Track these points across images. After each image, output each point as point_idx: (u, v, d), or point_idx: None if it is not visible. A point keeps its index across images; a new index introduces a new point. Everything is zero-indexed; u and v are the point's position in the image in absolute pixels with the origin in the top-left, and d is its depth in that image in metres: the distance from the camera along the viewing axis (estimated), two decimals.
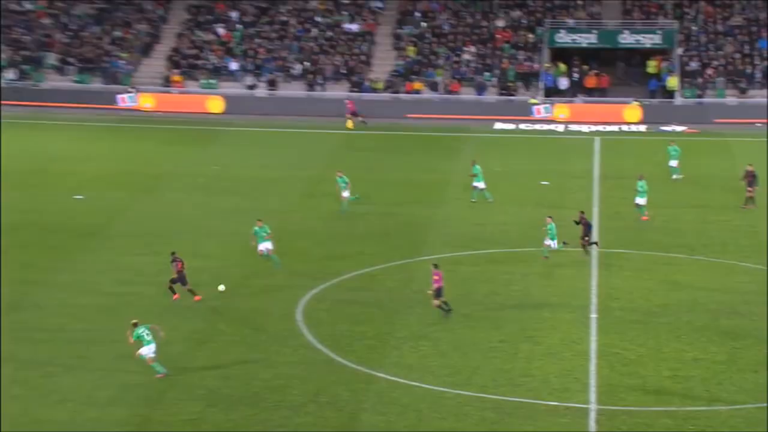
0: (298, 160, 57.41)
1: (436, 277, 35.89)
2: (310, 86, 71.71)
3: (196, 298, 37.40)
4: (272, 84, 71.73)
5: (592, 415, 29.89)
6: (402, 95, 70.84)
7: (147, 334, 31.95)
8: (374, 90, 71.12)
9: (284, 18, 75.69)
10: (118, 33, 73.62)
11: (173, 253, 38.00)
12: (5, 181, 51.66)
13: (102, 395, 31.06)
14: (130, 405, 30.53)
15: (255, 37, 74.54)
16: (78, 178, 53.08)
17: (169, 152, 59.14)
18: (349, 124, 65.67)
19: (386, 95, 70.87)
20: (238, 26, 75.00)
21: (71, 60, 71.60)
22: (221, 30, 74.64)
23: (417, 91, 71.19)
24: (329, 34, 74.88)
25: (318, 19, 75.65)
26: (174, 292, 37.51)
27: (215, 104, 69.22)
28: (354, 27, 75.30)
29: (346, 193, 47.75)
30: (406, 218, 47.48)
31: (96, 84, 70.61)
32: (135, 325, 32.18)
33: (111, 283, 39.35)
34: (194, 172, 54.67)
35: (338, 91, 70.96)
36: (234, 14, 75.75)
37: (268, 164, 56.61)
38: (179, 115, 68.15)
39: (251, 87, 71.65)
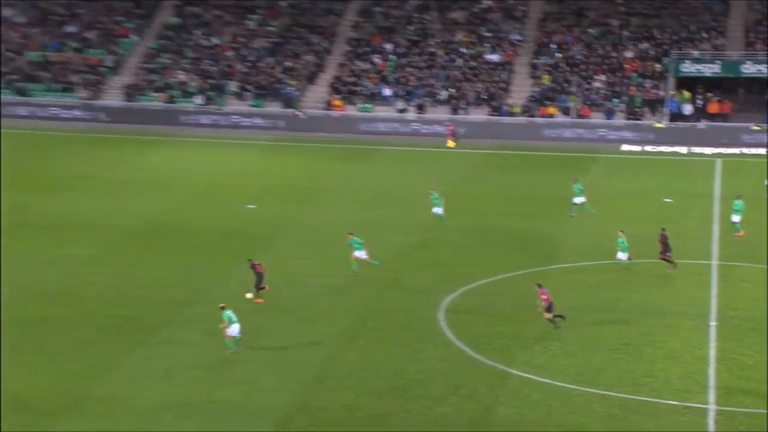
0: (442, 177, 57.59)
1: (543, 296, 35.64)
2: (454, 110, 71.91)
3: (258, 300, 37.58)
4: (421, 108, 72.13)
5: (711, 415, 29.51)
6: (537, 119, 70.58)
7: (233, 316, 33.22)
8: (512, 114, 71.05)
9: (433, 50, 76.11)
10: (288, 63, 75.00)
11: (250, 260, 38.39)
12: (192, 192, 52.93)
13: (268, 381, 31.67)
14: (291, 391, 31.06)
15: (406, 66, 75.07)
16: (251, 190, 54.06)
17: (329, 168, 59.80)
18: (450, 143, 66.04)
19: (523, 119, 70.68)
20: (392, 57, 75.66)
21: (249, 87, 73.13)
22: (377, 60, 75.37)
23: (551, 115, 70.89)
24: (472, 63, 75.05)
25: (463, 50, 75.89)
26: (259, 294, 37.81)
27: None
28: (495, 57, 75.34)
29: (436, 209, 47.50)
30: (537, 230, 47.35)
31: (269, 107, 71.81)
32: (223, 308, 33.57)
33: (278, 283, 40.03)
34: (351, 186, 55.15)
35: (479, 115, 70.99)
36: (389, 46, 76.44)
37: (415, 180, 56.89)
38: (341, 134, 68.70)
39: (402, 110, 72.11)
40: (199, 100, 72.20)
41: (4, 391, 30.66)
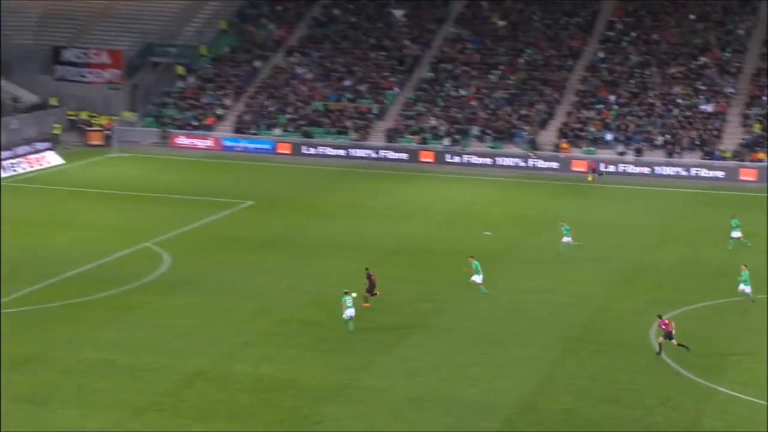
0: (656, 212, 56.04)
1: (663, 326, 33.65)
2: (669, 154, 69.85)
3: (366, 305, 37.86)
4: (639, 152, 70.42)
5: None
6: (746, 163, 67.70)
7: (350, 301, 35.31)
8: (723, 158, 68.45)
9: (651, 101, 74.28)
10: (523, 111, 74.79)
11: (366, 269, 38.93)
12: (437, 220, 53.35)
13: (500, 383, 31.54)
14: (519, 393, 30.82)
15: (627, 115, 73.55)
16: (487, 219, 54.07)
17: (554, 202, 59.13)
18: (590, 178, 65.61)
19: (732, 163, 67.94)
20: (615, 106, 74.29)
21: (489, 131, 73.34)
22: (601, 109, 74.15)
23: (760, 160, 67.87)
24: (688, 113, 72.79)
25: (679, 101, 73.74)
26: (366, 301, 38.18)
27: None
28: (709, 108, 72.82)
29: (566, 239, 46.04)
30: (737, 262, 45.24)
31: (506, 149, 71.73)
32: (345, 293, 35.58)
33: (507, 299, 39.85)
34: (574, 218, 54.39)
35: (692, 158, 68.74)
36: (612, 97, 75.12)
37: (631, 214, 55.58)
38: (566, 173, 67.97)
39: (621, 153, 70.60)
40: (446, 141, 72.85)
41: (283, 378, 31.72)
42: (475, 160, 70.69)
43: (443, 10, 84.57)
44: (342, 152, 72.37)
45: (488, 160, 70.34)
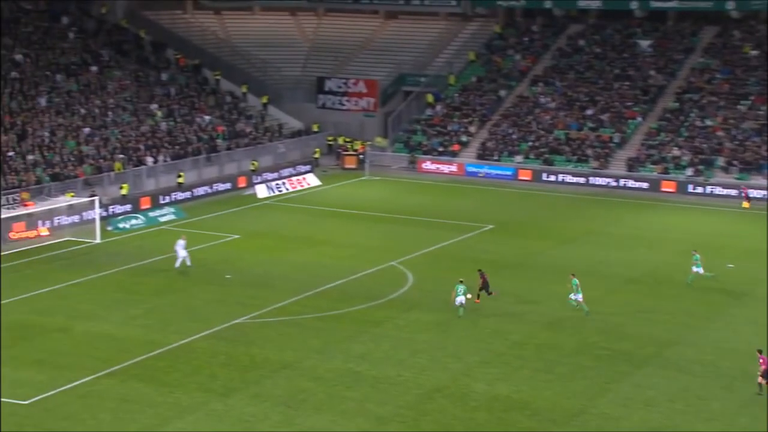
0: None
1: (761, 361, 31.25)
2: None
3: (476, 300, 40.61)
4: None
5: None
6: None
7: (461, 289, 38.99)
8: None
9: None
10: None
11: (479, 270, 41.41)
12: (677, 249, 51.48)
13: (743, 421, 29.98)
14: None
15: None
16: (730, 251, 51.65)
17: None
18: (745, 204, 63.02)
19: None
20: None
21: (735, 162, 70.19)
22: None
23: None
24: None
25: None
26: (477, 297, 40.79)
27: None
28: None
29: (696, 269, 43.91)
30: None
31: (753, 180, 68.35)
32: (461, 282, 39.23)
33: (751, 333, 37.81)
34: None
35: None
36: None
37: None
38: None
39: None
40: (689, 171, 70.22)
41: (518, 398, 31.48)
42: (719, 191, 67.74)
43: (691, 40, 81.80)
44: (582, 180, 71.24)
45: (733, 191, 67.23)
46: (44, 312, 40.57)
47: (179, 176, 66.29)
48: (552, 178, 71.93)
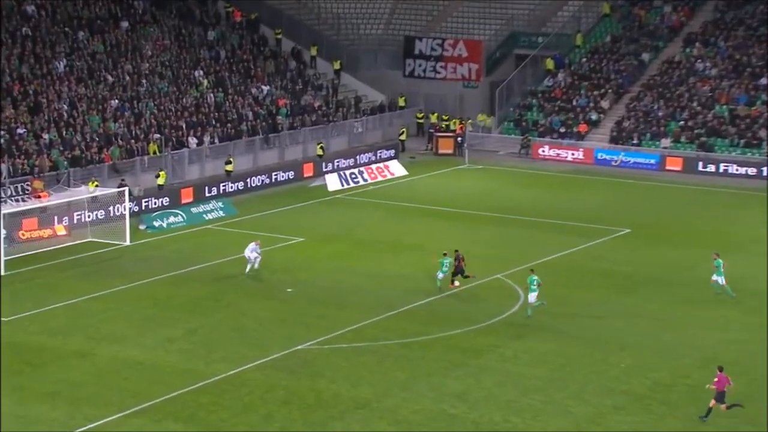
0: None
1: (717, 380, 33.13)
2: None
3: (451, 285, 45.96)
4: None
5: None
6: None
7: (446, 265, 45.19)
8: None
9: None
10: None
11: (456, 251, 46.53)
12: None
13: None
14: None
15: None
16: None
17: None
18: None
19: None
20: None
21: None
22: None
23: None
24: None
25: None
26: (453, 282, 45.96)
27: None
28: None
29: (716, 277, 45.10)
30: None
31: None
32: (444, 254, 45.38)
33: None
34: None
35: None
36: None
37: None
38: None
39: None
40: None
41: None
42: None
43: None
44: (752, 171, 69.97)
45: None
46: (59, 332, 41.29)
47: (229, 162, 67.11)
48: (710, 168, 70.84)
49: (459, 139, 77.13)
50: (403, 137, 77.81)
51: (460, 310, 44.01)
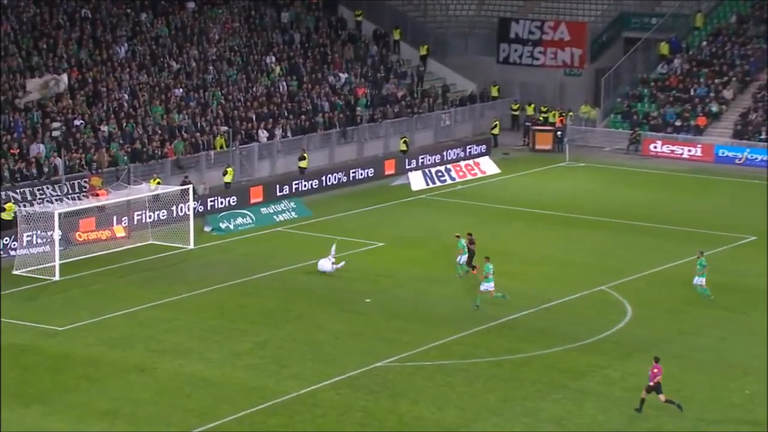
0: None
1: (655, 371, 34.88)
2: None
3: (473, 271, 48.49)
4: None
5: None
6: None
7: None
8: None
9: None
10: None
11: (469, 235, 49.65)
12: None
13: None
14: None
15: None
16: None
17: None
18: None
19: None
20: None
21: None
22: None
23: None
24: None
25: None
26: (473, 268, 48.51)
27: None
28: None
29: (698, 279, 46.46)
30: None
31: None
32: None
33: None
34: None
35: None
36: None
37: None
38: None
39: None
40: None
41: None
42: None
43: None
44: None
45: None
46: (118, 343, 41.94)
47: (302, 158, 67.66)
48: None
49: (559, 133, 77.00)
50: (495, 131, 77.90)
51: (558, 326, 44.00)
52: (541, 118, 79.12)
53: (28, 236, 50.83)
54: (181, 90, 69.11)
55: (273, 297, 47.19)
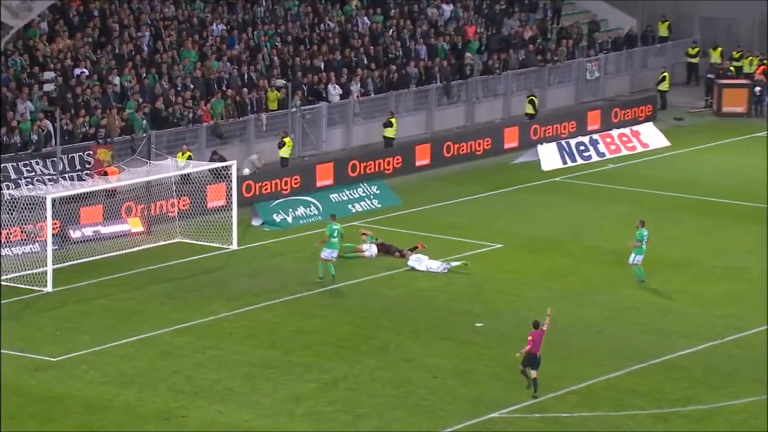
0: None
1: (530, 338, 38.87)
2: None
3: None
4: None
5: None
6: None
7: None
8: None
9: None
10: None
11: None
12: None
13: None
14: None
15: None
16: None
17: None
18: None
19: None
20: None
21: None
22: None
23: None
24: None
25: None
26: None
27: None
28: None
29: (635, 256, 49.84)
30: None
31: None
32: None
33: None
34: None
35: None
36: None
37: None
38: None
39: None
40: None
41: None
42: None
43: None
44: None
45: None
46: (131, 381, 42.22)
47: (389, 125, 67.75)
48: None
49: (757, 89, 76.51)
50: (664, 86, 77.70)
51: (752, 367, 43.79)
52: (731, 69, 78.70)
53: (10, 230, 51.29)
54: (220, 26, 69.41)
55: (346, 319, 47.47)
